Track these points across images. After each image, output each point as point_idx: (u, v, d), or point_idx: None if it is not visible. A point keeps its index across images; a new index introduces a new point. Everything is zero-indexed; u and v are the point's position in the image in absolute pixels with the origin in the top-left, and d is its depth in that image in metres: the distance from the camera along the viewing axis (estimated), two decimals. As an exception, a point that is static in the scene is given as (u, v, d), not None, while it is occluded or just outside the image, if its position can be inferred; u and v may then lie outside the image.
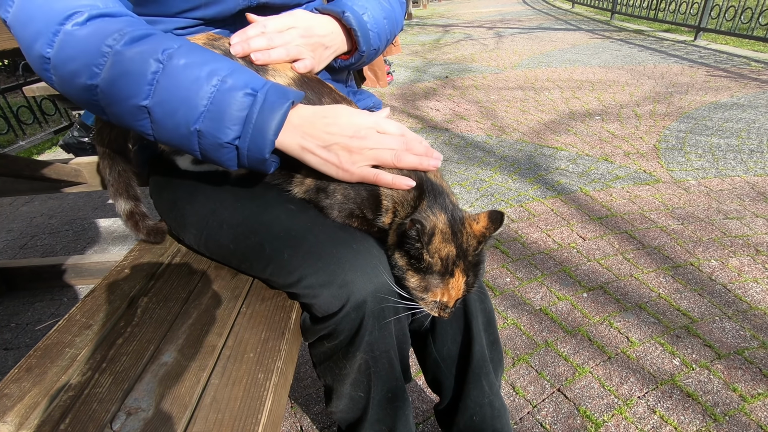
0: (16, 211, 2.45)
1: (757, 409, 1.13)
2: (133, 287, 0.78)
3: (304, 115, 0.63)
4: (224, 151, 0.60)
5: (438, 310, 0.69)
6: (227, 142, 0.59)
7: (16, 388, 0.59)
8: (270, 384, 0.59)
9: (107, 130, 0.78)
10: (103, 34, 0.56)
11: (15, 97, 3.76)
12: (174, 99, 0.57)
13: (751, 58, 4.57)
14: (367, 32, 0.82)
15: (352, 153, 0.64)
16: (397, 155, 0.65)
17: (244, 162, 0.62)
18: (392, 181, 0.66)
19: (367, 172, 0.65)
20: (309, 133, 0.63)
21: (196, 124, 0.58)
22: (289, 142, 0.63)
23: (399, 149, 0.66)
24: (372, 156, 0.65)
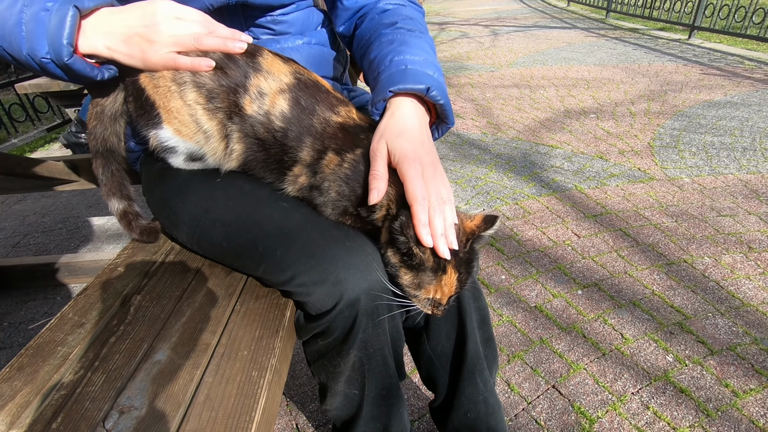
0: (8, 210, 2.43)
1: (749, 405, 1.14)
2: (127, 285, 0.78)
3: (103, 15, 0.64)
4: (49, 67, 0.63)
5: (431, 308, 0.69)
6: (42, 57, 0.62)
7: (7, 387, 0.58)
8: (264, 382, 0.59)
9: (100, 129, 0.77)
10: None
11: (7, 94, 3.72)
12: (8, 33, 0.62)
13: (745, 56, 4.60)
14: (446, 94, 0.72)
15: (152, 42, 0.64)
16: (197, 38, 0.64)
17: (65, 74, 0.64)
18: (191, 63, 0.65)
19: (167, 58, 0.65)
20: (110, 30, 0.64)
21: (24, 49, 0.62)
22: (93, 44, 0.64)
23: (200, 32, 0.65)
24: (172, 42, 0.64)
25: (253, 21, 0.84)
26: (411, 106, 0.70)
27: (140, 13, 0.64)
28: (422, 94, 0.70)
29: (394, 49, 0.75)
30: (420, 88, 0.68)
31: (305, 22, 0.91)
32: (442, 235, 0.61)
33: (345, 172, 0.67)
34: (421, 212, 0.61)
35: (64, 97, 2.80)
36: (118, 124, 0.78)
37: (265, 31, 0.87)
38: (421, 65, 0.72)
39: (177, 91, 0.68)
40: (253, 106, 0.68)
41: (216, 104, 0.69)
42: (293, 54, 0.86)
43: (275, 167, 0.72)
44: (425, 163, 0.64)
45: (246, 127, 0.69)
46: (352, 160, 0.67)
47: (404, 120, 0.68)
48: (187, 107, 0.69)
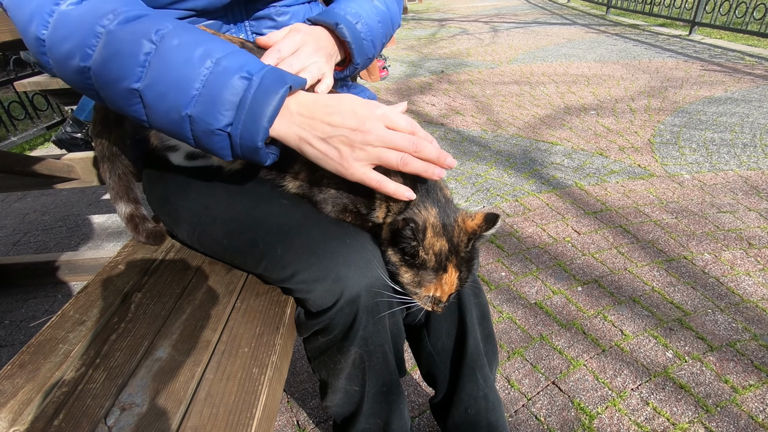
0: (8, 208, 2.43)
1: (749, 400, 1.14)
2: (127, 283, 0.78)
3: (304, 102, 0.58)
4: (216, 138, 0.56)
5: (431, 305, 0.69)
6: (219, 128, 0.55)
7: (9, 385, 0.59)
8: (265, 378, 0.59)
9: (106, 134, 0.77)
10: (98, 13, 0.54)
11: (6, 92, 3.72)
12: (165, 82, 0.54)
13: (746, 52, 4.59)
14: (361, 42, 0.78)
15: (354, 148, 0.58)
16: (404, 160, 0.59)
17: (238, 151, 0.58)
18: (395, 190, 0.61)
19: (369, 175, 0.60)
20: (308, 122, 0.58)
21: (187, 108, 0.55)
22: (286, 131, 0.58)
23: (407, 150, 0.59)
24: (376, 155, 0.59)
25: (254, 13, 0.83)
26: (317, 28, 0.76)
27: (349, 113, 0.58)
28: (332, 28, 0.75)
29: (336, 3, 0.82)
30: (329, 23, 0.75)
31: (306, 14, 0.90)
32: None
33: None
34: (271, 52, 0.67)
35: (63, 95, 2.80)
36: (122, 127, 0.78)
37: (266, 22, 0.86)
38: (344, 11, 0.78)
39: None
40: None
41: None
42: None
43: (276, 164, 0.72)
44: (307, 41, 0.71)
45: None
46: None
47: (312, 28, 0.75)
48: None
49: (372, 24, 0.82)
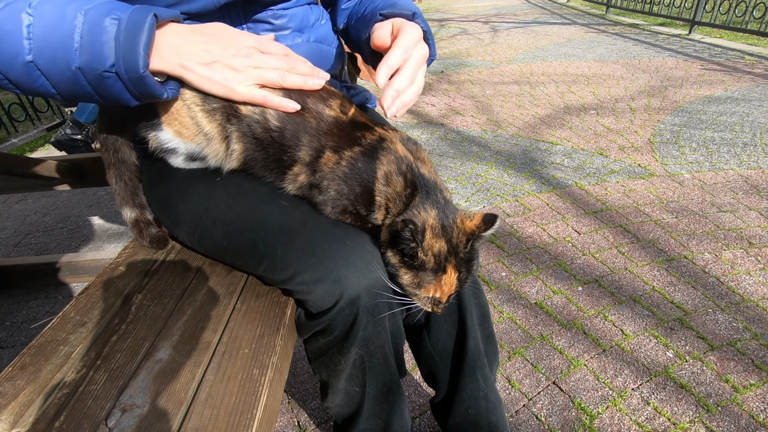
0: (9, 209, 2.43)
1: (749, 400, 1.14)
2: (128, 284, 0.78)
3: (180, 32, 0.62)
4: (109, 82, 0.59)
5: (431, 306, 0.69)
6: (105, 70, 0.58)
7: (10, 386, 0.59)
8: (265, 379, 0.59)
9: (112, 140, 0.78)
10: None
11: (6, 94, 3.72)
12: (50, 45, 0.56)
13: (745, 51, 4.59)
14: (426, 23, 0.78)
15: (236, 71, 0.63)
16: (282, 75, 0.65)
17: (132, 89, 0.60)
18: (279, 103, 0.66)
19: (254, 92, 0.65)
20: (187, 50, 0.62)
21: (75, 62, 0.57)
22: (168, 60, 0.61)
23: (283, 69, 0.65)
24: (257, 75, 0.64)
25: (252, 15, 0.84)
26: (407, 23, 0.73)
27: (225, 41, 0.63)
28: (409, 18, 0.75)
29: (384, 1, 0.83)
30: (407, 13, 0.75)
31: (304, 17, 0.90)
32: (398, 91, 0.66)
33: (343, 171, 0.67)
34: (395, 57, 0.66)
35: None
36: (127, 134, 0.79)
37: (264, 25, 0.86)
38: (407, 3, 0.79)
39: None
40: (248, 106, 0.68)
41: (212, 105, 0.69)
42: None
43: (275, 166, 0.72)
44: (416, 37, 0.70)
45: (243, 127, 0.69)
46: (350, 158, 0.67)
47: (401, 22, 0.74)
48: (187, 108, 0.69)
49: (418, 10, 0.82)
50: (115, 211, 2.33)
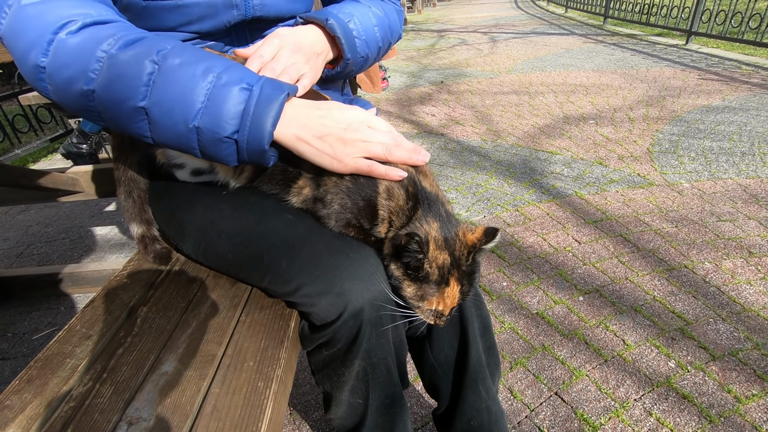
0: (12, 220, 2.45)
1: (752, 410, 1.14)
2: (133, 297, 0.79)
3: (299, 106, 0.65)
4: (224, 146, 0.61)
5: (434, 318, 0.70)
6: (226, 136, 0.60)
7: (17, 400, 0.59)
8: (270, 392, 0.60)
9: (123, 159, 0.80)
10: (97, 39, 0.57)
11: (10, 105, 3.76)
12: (171, 98, 0.58)
13: (742, 61, 4.63)
14: (353, 40, 0.82)
15: (346, 144, 0.65)
16: (388, 148, 0.67)
17: (244, 156, 0.63)
18: (386, 171, 0.67)
19: (360, 163, 0.67)
20: (304, 123, 0.64)
21: (194, 121, 0.59)
22: (285, 132, 0.63)
23: (389, 143, 0.68)
24: (364, 148, 0.66)
25: (258, 34, 0.86)
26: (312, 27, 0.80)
27: (339, 116, 0.66)
28: (322, 24, 0.79)
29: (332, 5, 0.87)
30: (320, 19, 0.79)
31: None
32: None
33: (347, 185, 0.68)
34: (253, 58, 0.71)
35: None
36: (138, 152, 0.80)
37: None
38: (337, 10, 0.83)
39: None
40: None
41: None
42: (296, 67, 0.88)
43: (280, 179, 0.73)
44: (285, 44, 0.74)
45: None
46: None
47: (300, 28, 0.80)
48: None
49: (366, 24, 0.85)
50: (117, 221, 2.34)
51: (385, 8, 0.94)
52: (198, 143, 0.61)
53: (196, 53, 0.61)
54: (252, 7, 0.79)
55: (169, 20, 0.73)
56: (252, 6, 0.79)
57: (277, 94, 0.60)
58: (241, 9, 0.78)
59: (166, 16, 0.73)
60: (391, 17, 0.95)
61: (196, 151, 0.62)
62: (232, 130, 0.59)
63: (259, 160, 0.64)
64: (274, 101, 0.60)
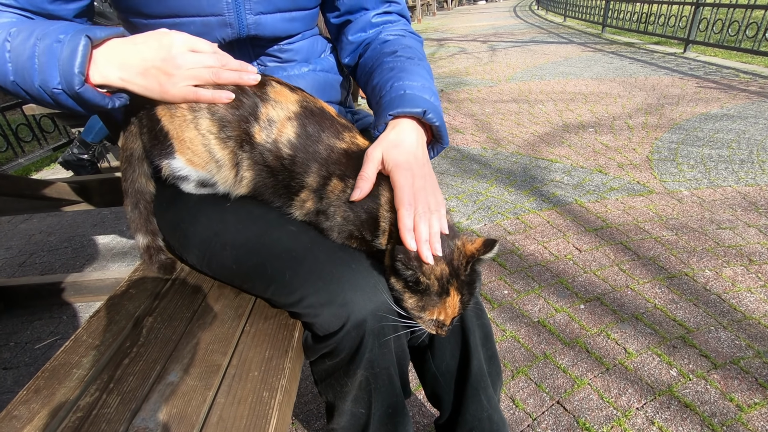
0: (14, 229, 2.46)
1: (754, 419, 1.14)
2: (138, 307, 0.80)
3: (113, 45, 0.66)
4: (61, 97, 0.64)
5: (435, 328, 0.70)
6: (54, 88, 0.63)
7: (24, 410, 0.60)
8: (275, 402, 0.60)
9: (129, 171, 0.81)
10: None
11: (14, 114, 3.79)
12: (21, 66, 0.64)
13: (740, 69, 4.67)
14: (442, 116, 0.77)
15: (169, 75, 0.66)
16: (215, 72, 0.68)
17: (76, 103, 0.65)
18: (212, 96, 0.68)
19: (186, 91, 0.68)
20: (124, 62, 0.65)
21: (36, 81, 0.64)
22: (107, 75, 0.65)
23: (215, 66, 0.68)
24: (190, 75, 0.67)
25: (262, 51, 0.87)
26: (409, 125, 0.74)
27: (156, 46, 0.66)
28: (419, 117, 0.74)
29: (394, 75, 0.80)
30: (417, 111, 0.73)
31: (310, 49, 0.94)
32: (426, 241, 0.65)
33: (349, 197, 0.69)
34: (406, 217, 0.65)
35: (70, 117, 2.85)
36: (144, 165, 0.82)
37: (272, 59, 0.90)
38: (419, 90, 0.77)
39: (192, 120, 0.71)
40: (262, 134, 0.71)
41: (228, 133, 0.71)
42: (299, 81, 0.90)
43: (283, 192, 0.74)
44: (416, 173, 0.68)
45: (256, 155, 0.72)
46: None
47: (402, 135, 0.73)
48: (201, 137, 0.72)
49: (434, 89, 0.81)
50: (119, 230, 2.36)
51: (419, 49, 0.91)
52: (51, 99, 0.65)
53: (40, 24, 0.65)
54: (246, 26, 0.81)
55: None
56: (246, 25, 0.80)
57: (78, 39, 0.62)
58: (235, 28, 0.80)
59: None
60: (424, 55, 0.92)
61: (54, 105, 0.67)
62: (57, 81, 0.63)
63: (93, 103, 0.66)
64: (77, 46, 0.62)
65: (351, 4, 0.92)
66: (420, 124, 0.76)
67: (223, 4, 0.77)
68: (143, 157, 0.80)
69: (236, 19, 0.79)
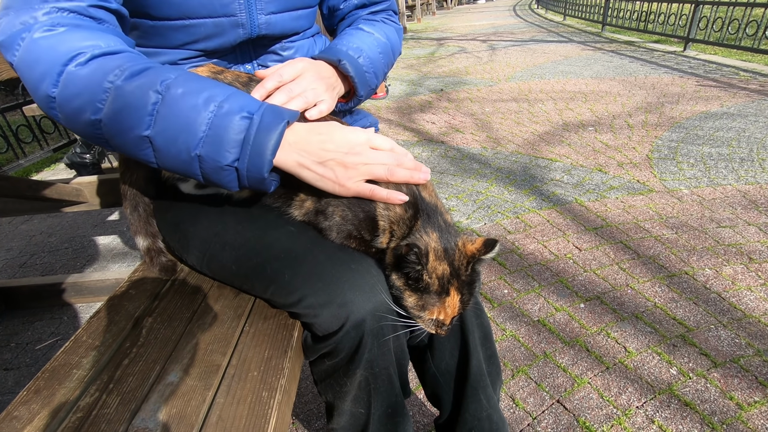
0: (15, 230, 2.46)
1: (754, 417, 1.14)
2: (138, 307, 0.80)
3: (299, 132, 0.65)
4: (224, 173, 0.62)
5: (435, 328, 0.71)
6: (227, 164, 0.60)
7: (25, 411, 0.60)
8: (274, 402, 0.61)
9: (129, 174, 0.81)
10: (105, 71, 0.58)
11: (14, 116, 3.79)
12: (174, 127, 0.59)
13: (740, 67, 4.66)
14: (364, 75, 0.84)
15: (347, 168, 0.66)
16: (390, 170, 0.68)
17: (245, 183, 0.63)
18: (387, 195, 0.68)
19: (362, 187, 0.68)
20: (305, 149, 0.64)
21: (196, 149, 0.60)
22: (286, 159, 0.64)
23: (391, 164, 0.68)
24: (366, 171, 0.67)
25: (264, 50, 0.88)
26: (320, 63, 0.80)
27: (340, 140, 0.66)
28: (335, 64, 0.81)
29: (339, 38, 0.88)
30: (333, 59, 0.80)
31: (310, 48, 0.95)
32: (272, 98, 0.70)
33: (347, 197, 0.70)
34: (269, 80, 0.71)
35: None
36: (144, 167, 0.82)
37: (272, 56, 0.90)
38: (346, 47, 0.84)
39: None
40: None
41: None
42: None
43: (282, 193, 0.74)
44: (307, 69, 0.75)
45: None
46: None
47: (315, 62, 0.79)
48: None
49: (373, 56, 0.87)
50: (120, 231, 2.36)
51: (387, 32, 0.95)
52: (200, 170, 0.62)
53: (200, 82, 0.61)
54: (258, 26, 0.81)
55: (176, 39, 0.75)
56: (258, 25, 0.80)
57: (277, 122, 0.61)
58: (246, 28, 0.80)
59: (173, 35, 0.75)
60: (393, 39, 0.97)
61: (198, 176, 0.63)
62: (233, 158, 0.60)
63: (260, 186, 0.65)
64: (274, 130, 0.60)
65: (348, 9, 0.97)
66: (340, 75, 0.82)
67: (236, 5, 0.77)
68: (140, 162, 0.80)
69: (248, 20, 0.79)
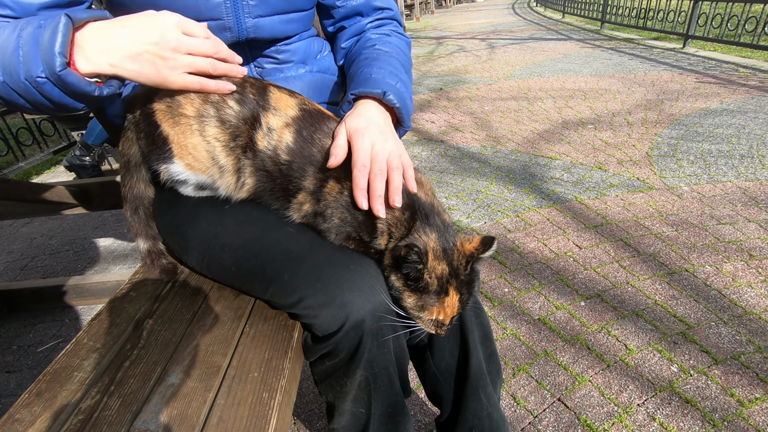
0: (16, 233, 2.47)
1: (755, 414, 1.14)
2: (138, 309, 0.80)
3: (102, 28, 0.61)
4: (47, 87, 0.59)
5: (435, 328, 0.71)
6: (38, 76, 0.58)
7: (26, 413, 0.60)
8: (275, 403, 0.61)
9: (127, 177, 0.82)
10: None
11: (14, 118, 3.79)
12: (6, 63, 0.59)
13: (739, 64, 4.66)
14: (405, 101, 0.80)
15: (165, 59, 0.63)
16: (213, 65, 0.67)
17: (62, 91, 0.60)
18: (216, 86, 0.68)
19: (188, 80, 0.66)
20: (113, 46, 0.61)
21: (21, 74, 0.59)
22: (96, 61, 0.60)
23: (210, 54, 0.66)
24: (187, 63, 0.65)
25: (259, 53, 0.88)
26: (371, 104, 0.77)
27: (147, 27, 0.61)
28: (380, 97, 0.77)
29: (367, 64, 0.85)
30: (377, 92, 0.77)
31: (307, 50, 0.95)
32: (380, 196, 0.66)
33: (346, 199, 0.70)
34: (359, 177, 0.67)
35: (70, 120, 2.86)
36: (143, 170, 0.82)
37: (269, 60, 0.91)
38: (384, 75, 0.81)
39: (198, 127, 0.71)
40: (264, 141, 0.71)
41: (238, 142, 0.72)
42: (296, 81, 0.90)
43: (281, 195, 0.75)
44: (375, 138, 0.70)
45: (257, 162, 0.72)
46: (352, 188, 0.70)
47: (361, 108, 0.76)
48: (206, 143, 0.72)
49: (404, 78, 0.85)
50: (120, 233, 2.36)
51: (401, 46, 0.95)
52: (39, 93, 0.60)
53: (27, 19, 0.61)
54: (245, 29, 0.81)
55: None
56: (245, 28, 0.81)
57: (56, 19, 0.58)
58: (234, 31, 0.80)
59: None
60: (407, 52, 0.96)
61: (47, 104, 0.62)
62: (41, 69, 0.58)
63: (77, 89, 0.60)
64: (55, 26, 0.57)
65: (346, 12, 0.96)
66: (383, 107, 0.78)
67: (222, 8, 0.77)
68: (141, 162, 0.80)
69: (235, 23, 0.79)
